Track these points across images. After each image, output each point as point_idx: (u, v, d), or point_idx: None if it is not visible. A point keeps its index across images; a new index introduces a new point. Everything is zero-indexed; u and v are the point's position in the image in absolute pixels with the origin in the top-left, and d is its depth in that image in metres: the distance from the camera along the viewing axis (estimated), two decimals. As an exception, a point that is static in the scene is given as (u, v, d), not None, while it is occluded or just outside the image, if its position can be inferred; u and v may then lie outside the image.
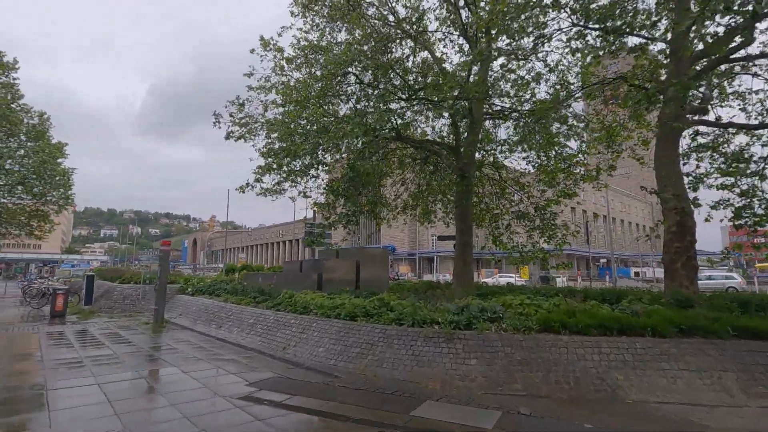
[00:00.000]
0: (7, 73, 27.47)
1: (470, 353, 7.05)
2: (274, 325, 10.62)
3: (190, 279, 19.53)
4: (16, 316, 16.02)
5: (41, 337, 10.83)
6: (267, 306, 12.09)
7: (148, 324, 13.42)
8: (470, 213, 15.53)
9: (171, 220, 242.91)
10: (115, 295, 17.43)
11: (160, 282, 13.27)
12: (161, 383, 6.23)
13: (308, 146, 12.66)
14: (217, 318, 13.09)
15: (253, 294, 14.23)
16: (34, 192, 28.36)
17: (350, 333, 8.57)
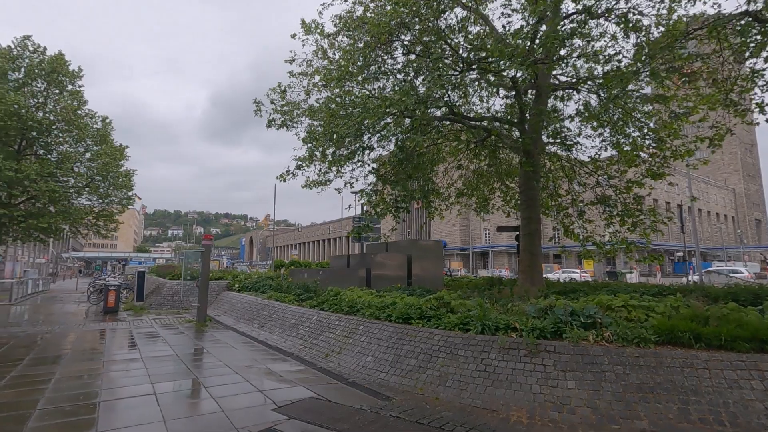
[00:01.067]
0: (73, 82, 28.68)
1: (565, 372, 5.22)
2: (317, 326, 9.29)
3: (238, 275, 18.91)
4: (74, 311, 16.05)
5: (78, 336, 10.26)
6: (310, 305, 10.83)
7: (192, 322, 12.67)
8: (538, 198, 13.42)
9: (230, 219, 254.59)
10: (164, 292, 17.11)
11: (202, 279, 12.46)
12: (172, 404, 5.02)
13: (352, 128, 11.22)
14: (260, 317, 12.05)
15: (297, 291, 13.09)
16: (100, 192, 29.49)
17: (404, 339, 6.99)
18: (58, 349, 8.37)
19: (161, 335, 10.31)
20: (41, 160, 26.70)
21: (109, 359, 7.42)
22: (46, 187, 24.99)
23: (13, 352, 8.16)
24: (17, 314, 15.09)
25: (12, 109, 24.47)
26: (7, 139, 26.19)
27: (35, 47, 27.38)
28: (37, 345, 8.88)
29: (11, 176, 23.85)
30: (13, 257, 42.17)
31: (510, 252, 52.34)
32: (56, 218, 26.29)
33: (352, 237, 26.07)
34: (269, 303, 12.53)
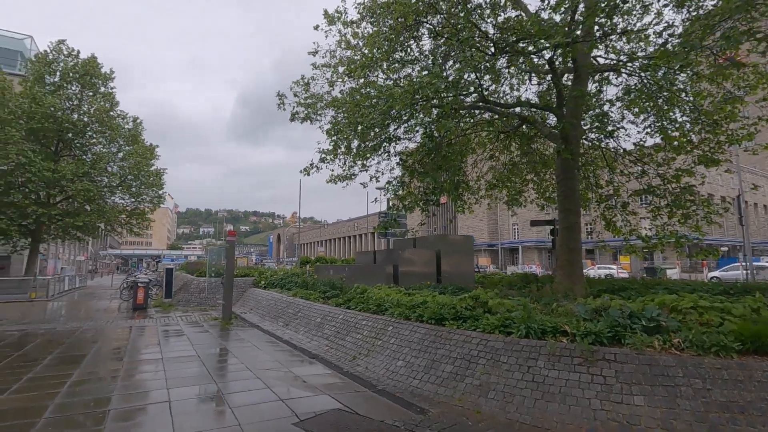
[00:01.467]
0: (105, 84, 29.27)
1: (630, 385, 4.46)
2: (343, 326, 8.77)
3: (264, 272, 18.70)
4: (105, 308, 16.19)
5: (104, 334, 10.12)
6: (336, 303, 10.33)
7: (217, 320, 12.42)
8: (577, 189, 12.45)
9: (258, 217, 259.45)
10: (192, 289, 17.06)
11: (227, 276, 12.18)
12: (185, 415, 4.57)
13: (377, 117, 10.61)
14: (285, 315, 11.66)
15: (322, 288, 12.64)
16: (132, 191, 30.06)
17: (438, 342, 6.35)
18: (81, 348, 8.17)
19: (185, 333, 10.04)
20: (77, 161, 27.37)
21: (130, 360, 7.12)
22: (81, 187, 25.58)
23: (37, 350, 8.02)
24: (52, 310, 15.32)
25: (48, 111, 25.14)
26: (45, 140, 26.98)
27: (69, 51, 28.01)
28: (62, 343, 8.74)
29: (49, 176, 24.51)
30: (54, 255, 43.87)
31: (540, 248, 50.64)
32: (91, 216, 26.91)
33: (378, 233, 25.50)
34: (294, 300, 12.14)
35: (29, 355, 7.55)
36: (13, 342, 8.82)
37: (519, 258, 50.17)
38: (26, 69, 27.56)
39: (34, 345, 8.46)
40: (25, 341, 8.93)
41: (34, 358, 7.20)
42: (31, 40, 39.42)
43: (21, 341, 8.95)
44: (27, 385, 5.53)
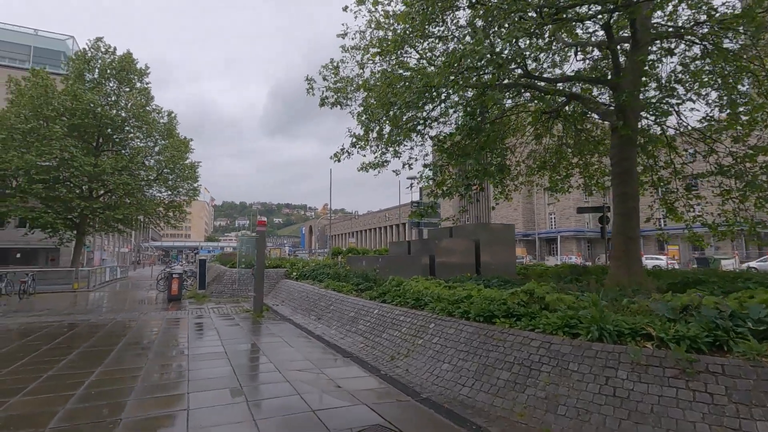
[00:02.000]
0: (141, 79, 29.70)
1: (749, 407, 3.49)
2: (379, 322, 8.06)
3: (296, 263, 18.31)
4: (142, 299, 16.26)
5: (135, 327, 9.87)
6: (370, 296, 9.64)
7: (248, 312, 12.04)
8: (635, 171, 11.15)
9: (291, 210, 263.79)
10: (224, 280, 16.89)
11: (257, 267, 11.73)
12: (203, 426, 3.98)
13: (413, 95, 9.72)
14: (317, 308, 11.10)
15: (355, 280, 11.99)
16: (168, 184, 30.53)
17: (489, 344, 5.51)
18: (109, 342, 7.86)
19: (216, 327, 9.64)
20: (117, 155, 27.96)
21: (155, 357, 6.69)
22: (121, 180, 26.14)
23: (66, 343, 7.77)
24: (90, 301, 15.49)
25: (88, 107, 25.70)
26: (87, 136, 27.69)
27: (106, 48, 28.48)
28: (91, 336, 8.50)
29: (90, 171, 25.11)
30: (100, 247, 45.71)
31: (579, 237, 48.32)
32: (130, 209, 27.48)
33: (410, 222, 24.62)
34: (326, 293, 11.56)
35: (57, 349, 7.29)
36: (47, 334, 8.67)
37: (557, 248, 48.05)
38: (67, 68, 28.26)
39: (65, 338, 8.24)
40: (57, 333, 8.76)
41: (60, 353, 6.90)
42: (72, 40, 40.71)
43: (53, 333, 8.78)
44: (43, 386, 5.13)
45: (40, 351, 7.07)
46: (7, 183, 24.58)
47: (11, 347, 7.44)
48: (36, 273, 17.20)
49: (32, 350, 7.13)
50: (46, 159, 24.32)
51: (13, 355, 6.82)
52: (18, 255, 34.60)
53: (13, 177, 24.30)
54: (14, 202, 24.12)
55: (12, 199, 24.03)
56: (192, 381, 5.31)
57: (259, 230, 11.97)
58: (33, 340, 8.05)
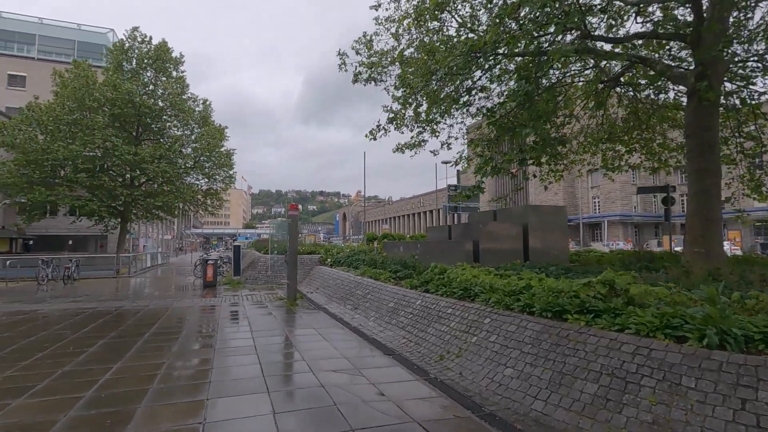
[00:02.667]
0: (177, 68, 29.77)
1: None
2: (423, 314, 7.15)
3: (330, 249, 17.69)
4: (178, 285, 16.16)
5: (166, 315, 9.47)
6: (411, 284, 8.73)
7: (282, 300, 11.46)
8: (717, 143, 9.57)
9: (325, 197, 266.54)
10: (259, 266, 16.52)
11: (290, 253, 11.08)
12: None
13: (459, 60, 8.58)
14: (353, 296, 10.34)
15: (393, 267, 11.13)
16: (205, 172, 30.72)
17: (563, 346, 4.48)
18: (135, 333, 7.40)
19: (248, 316, 9.06)
20: (156, 144, 28.30)
21: (178, 352, 6.10)
22: (159, 169, 26.42)
23: (92, 333, 7.37)
24: (129, 287, 15.51)
25: (127, 97, 25.99)
26: (127, 125, 28.12)
27: (143, 37, 28.63)
28: (120, 325, 8.10)
29: (130, 159, 25.50)
30: (145, 234, 47.31)
31: (626, 222, 45.34)
32: (169, 197, 27.79)
33: (446, 207, 23.42)
34: (363, 281, 10.76)
35: (82, 339, 6.87)
36: (76, 322, 8.37)
37: (602, 234, 45.33)
38: (107, 59, 28.67)
39: (93, 327, 7.88)
40: (87, 322, 8.44)
41: (83, 344, 6.46)
42: (112, 33, 41.56)
43: (83, 321, 8.48)
44: (53, 385, 4.59)
45: (65, 341, 6.66)
46: (56, 173, 25.28)
47: (38, 336, 7.11)
48: (80, 259, 17.46)
49: (57, 340, 6.74)
50: (89, 149, 24.86)
51: (38, 345, 6.44)
52: (70, 242, 36.18)
53: (60, 167, 24.98)
54: (62, 191, 24.84)
55: (60, 188, 24.75)
56: (214, 383, 4.62)
57: (291, 215, 11.29)
58: (62, 328, 7.73)
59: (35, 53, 38.24)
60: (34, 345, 6.44)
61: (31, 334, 7.22)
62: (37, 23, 38.95)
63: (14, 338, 6.99)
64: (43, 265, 15.72)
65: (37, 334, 7.21)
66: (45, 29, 39.00)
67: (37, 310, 9.74)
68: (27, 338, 6.96)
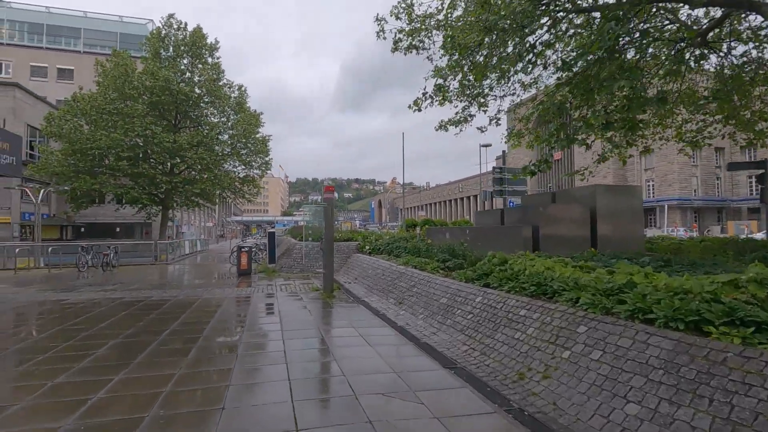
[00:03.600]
0: (212, 54, 29.30)
1: None
2: (486, 315, 5.78)
3: (368, 236, 16.53)
4: (213, 272, 15.58)
5: (193, 308, 8.63)
6: (465, 277, 7.37)
7: (318, 291, 10.42)
8: None
9: (360, 184, 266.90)
10: (294, 254, 15.64)
11: (326, 240, 9.96)
12: None
13: (526, 4, 6.97)
14: (396, 288, 9.10)
15: (441, 256, 9.78)
16: (242, 158, 30.37)
17: (720, 376, 3.00)
18: (154, 330, 6.51)
19: (280, 311, 8.04)
20: (194, 131, 28.13)
21: (194, 360, 5.05)
22: (197, 156, 26.21)
23: (106, 330, 6.54)
24: (164, 274, 15.06)
25: (163, 84, 25.78)
26: (165, 113, 28.08)
27: (179, 24, 28.30)
28: (141, 319, 7.28)
29: (169, 147, 25.38)
30: (187, 222, 48.32)
31: (684, 206, 41.46)
32: (206, 183, 27.60)
33: (492, 192, 21.52)
34: (407, 271, 9.49)
35: (94, 337, 6.04)
36: (95, 316, 7.64)
37: (657, 219, 41.72)
38: (145, 48, 28.58)
39: (110, 322, 7.09)
40: (107, 315, 7.70)
41: (92, 345, 5.60)
42: (152, 23, 41.91)
43: (103, 315, 7.74)
44: (34, 405, 3.64)
45: (74, 340, 5.84)
46: (100, 161, 25.55)
47: (50, 332, 6.37)
48: (118, 246, 17.28)
49: (67, 338, 5.94)
50: (130, 137, 24.91)
51: (43, 345, 5.65)
52: (117, 229, 37.26)
53: (104, 156, 25.21)
54: (105, 179, 25.11)
55: (103, 176, 25.02)
56: (228, 412, 3.49)
57: (327, 198, 10.13)
58: (78, 323, 6.99)
59: (81, 47, 39.16)
60: (39, 345, 5.65)
61: (44, 330, 6.51)
62: (82, 17, 39.82)
63: (23, 335, 6.29)
64: (83, 252, 15.55)
65: (50, 330, 6.48)
66: (90, 23, 39.82)
67: (63, 300, 9.19)
68: (38, 334, 6.24)
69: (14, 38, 38.29)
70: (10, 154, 10.81)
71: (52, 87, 37.43)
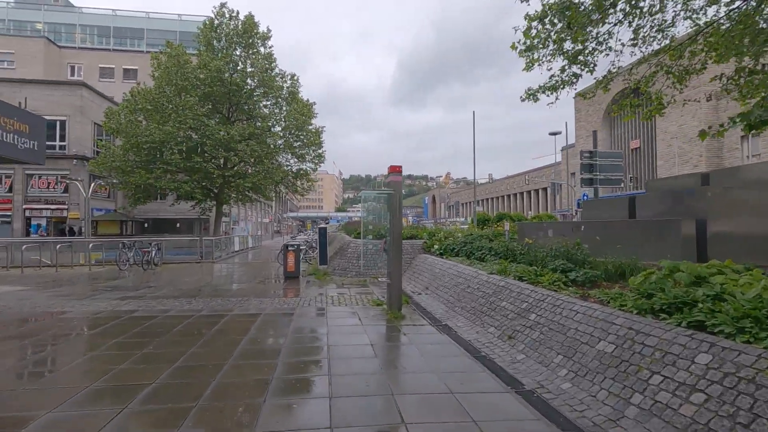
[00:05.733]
0: (264, 43, 27.79)
1: None
2: (735, 395, 2.68)
3: (436, 233, 13.64)
4: (257, 274, 13.51)
5: (220, 328, 6.29)
6: (637, 306, 4.27)
7: (380, 307, 7.75)
8: None
9: (413, 180, 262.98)
10: (348, 253, 13.14)
11: (393, 238, 7.22)
12: None
13: None
14: (497, 311, 6.14)
15: (556, 264, 6.68)
16: (295, 151, 28.68)
17: None
18: (137, 377, 4.14)
19: (330, 346, 5.42)
20: (247, 123, 26.84)
21: (197, 422, 2.57)
22: (249, 148, 24.77)
23: (115, 350, 4.27)
24: (203, 275, 13.18)
25: (215, 74, 24.56)
26: (218, 105, 26.99)
27: (230, 13, 27.08)
28: (131, 355, 4.98)
29: (221, 138, 24.12)
30: (244, 217, 48.17)
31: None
32: (258, 177, 26.14)
33: (581, 181, 17.88)
34: (508, 283, 6.50)
35: (99, 361, 3.73)
36: (81, 341, 5.53)
37: None
38: (198, 40, 27.66)
39: (119, 342, 4.83)
40: (95, 343, 5.54)
41: (98, 371, 3.26)
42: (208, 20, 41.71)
43: (91, 342, 5.60)
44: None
45: (44, 379, 3.56)
46: (155, 155, 24.85)
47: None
48: (161, 243, 15.79)
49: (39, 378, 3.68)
50: (182, 129, 23.93)
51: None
52: (178, 225, 37.37)
53: (159, 150, 24.45)
54: (159, 173, 24.34)
55: (157, 171, 24.26)
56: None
57: (393, 181, 7.37)
58: (53, 353, 4.84)
59: (144, 47, 39.73)
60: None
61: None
62: (144, 18, 40.42)
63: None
64: (124, 249, 14.14)
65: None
66: (151, 23, 40.33)
67: (64, 313, 7.25)
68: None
69: (85, 42, 39.65)
70: (30, 137, 9.00)
71: (118, 87, 38.25)
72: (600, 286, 5.92)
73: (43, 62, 36.38)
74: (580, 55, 8.49)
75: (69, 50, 38.31)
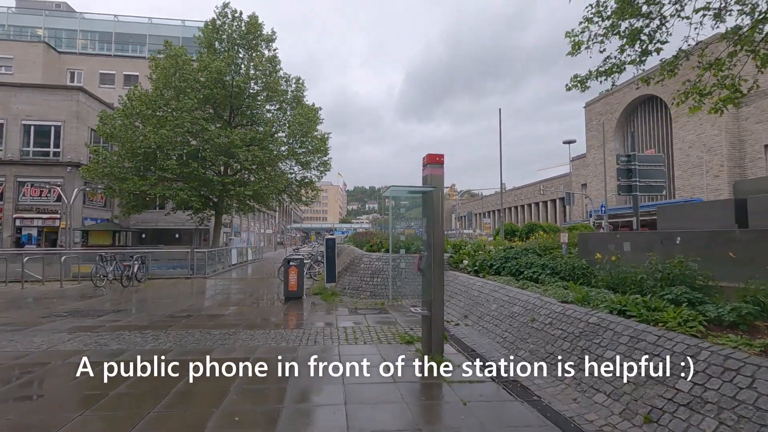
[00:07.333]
0: (268, 45, 26.21)
1: None
2: None
3: (461, 246, 11.55)
4: (254, 294, 11.45)
5: (180, 390, 4.20)
6: None
7: (411, 344, 5.65)
8: None
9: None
10: (361, 270, 11.05)
11: (433, 252, 5.17)
12: None
13: None
14: (599, 362, 4.03)
15: (678, 291, 4.56)
16: (299, 158, 26.85)
17: None
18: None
19: (350, 427, 3.33)
20: (249, 129, 25.08)
21: None
22: (250, 153, 22.94)
23: None
24: (189, 296, 11.11)
25: (216, 76, 22.89)
26: (218, 109, 25.29)
27: (233, 13, 25.53)
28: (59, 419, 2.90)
29: (220, 143, 22.31)
30: (247, 228, 46.22)
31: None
32: (259, 185, 24.23)
33: (619, 189, 15.66)
34: (601, 319, 4.39)
35: None
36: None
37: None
38: (199, 42, 26.10)
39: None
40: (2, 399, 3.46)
41: None
42: (212, 26, 40.48)
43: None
44: None
45: None
46: (149, 161, 23.05)
47: None
48: (146, 255, 13.72)
49: None
50: (178, 133, 22.14)
51: None
52: (177, 235, 35.43)
53: (153, 155, 22.64)
54: (154, 180, 22.48)
55: (152, 177, 22.40)
56: None
57: (433, 174, 5.35)
58: None
59: (146, 53, 38.39)
60: None
61: None
62: (147, 24, 39.18)
63: None
64: (101, 263, 12.12)
65: None
66: (154, 29, 39.08)
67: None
68: None
69: (87, 48, 38.38)
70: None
71: (118, 93, 36.77)
72: (759, 328, 3.85)
73: (42, 67, 35.03)
74: (641, 33, 6.81)
75: (69, 56, 37.00)
